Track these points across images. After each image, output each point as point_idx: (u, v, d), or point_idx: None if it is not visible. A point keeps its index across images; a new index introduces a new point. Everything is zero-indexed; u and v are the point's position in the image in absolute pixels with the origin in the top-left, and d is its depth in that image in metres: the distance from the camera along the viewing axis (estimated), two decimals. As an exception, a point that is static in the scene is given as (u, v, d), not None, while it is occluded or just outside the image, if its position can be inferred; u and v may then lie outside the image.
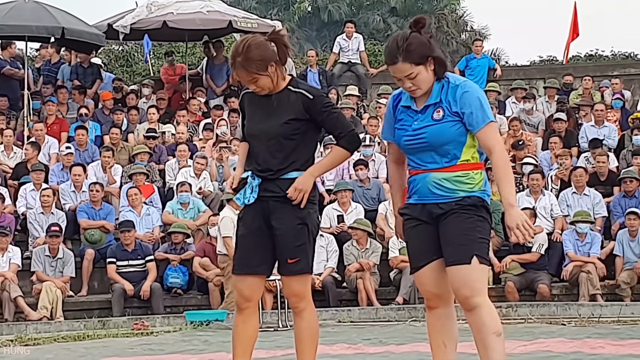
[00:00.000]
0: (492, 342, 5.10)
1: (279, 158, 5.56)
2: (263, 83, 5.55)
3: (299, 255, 5.57)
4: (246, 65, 5.49)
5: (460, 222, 5.13)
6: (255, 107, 5.68)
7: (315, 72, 19.63)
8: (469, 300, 5.10)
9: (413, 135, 5.22)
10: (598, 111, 17.02)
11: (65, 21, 17.36)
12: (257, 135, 5.63)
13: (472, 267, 5.08)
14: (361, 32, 24.70)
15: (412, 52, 5.15)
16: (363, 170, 15.51)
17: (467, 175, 5.17)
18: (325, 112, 5.59)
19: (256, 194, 5.58)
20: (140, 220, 14.73)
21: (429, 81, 5.19)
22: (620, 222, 14.32)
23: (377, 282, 14.03)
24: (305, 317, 5.65)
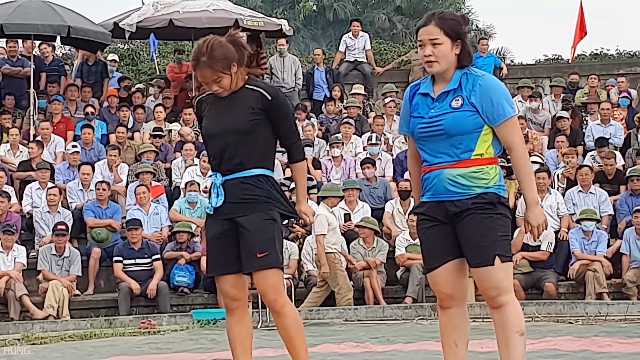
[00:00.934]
0: (515, 340, 5.13)
1: (241, 154, 5.55)
2: (226, 83, 5.53)
3: (268, 250, 5.52)
4: (211, 63, 5.47)
5: (480, 223, 5.10)
6: (212, 107, 5.67)
7: (323, 70, 19.63)
8: (497, 299, 5.13)
9: (429, 123, 5.18)
10: (604, 110, 17.01)
11: (72, 20, 17.36)
12: (217, 133, 5.61)
13: (496, 268, 5.09)
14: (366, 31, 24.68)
15: (446, 20, 5.15)
16: (370, 169, 15.51)
17: (482, 171, 5.12)
18: (282, 116, 5.59)
19: (222, 196, 5.58)
20: (148, 219, 14.73)
21: (449, 62, 5.15)
22: (627, 221, 14.31)
23: (383, 280, 14.03)
24: (288, 313, 5.60)
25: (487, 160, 5.15)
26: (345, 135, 16.86)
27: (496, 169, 5.17)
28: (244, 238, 5.54)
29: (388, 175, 16.10)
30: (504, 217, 5.16)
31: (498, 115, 5.10)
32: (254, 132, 5.55)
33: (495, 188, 5.14)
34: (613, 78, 19.42)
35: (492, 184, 5.14)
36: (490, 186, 5.13)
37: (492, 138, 5.16)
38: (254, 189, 5.55)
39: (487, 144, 5.16)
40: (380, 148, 16.43)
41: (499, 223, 5.13)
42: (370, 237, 14.02)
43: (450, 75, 5.18)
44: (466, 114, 5.11)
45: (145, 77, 24.17)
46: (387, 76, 20.24)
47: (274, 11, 39.34)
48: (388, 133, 17.49)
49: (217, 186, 5.59)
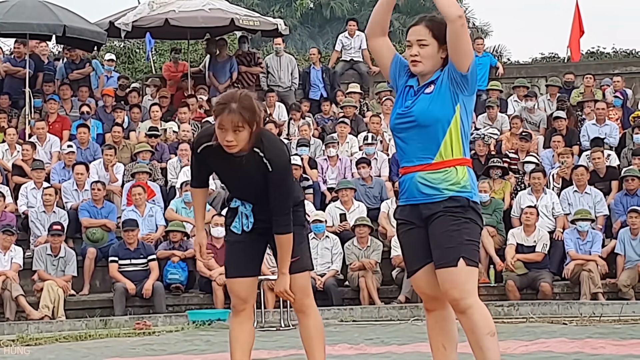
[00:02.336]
0: (487, 342, 5.12)
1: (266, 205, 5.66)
2: (243, 137, 5.45)
3: (299, 254, 5.71)
4: (241, 111, 5.40)
5: (447, 225, 5.13)
6: (224, 163, 5.62)
7: (319, 69, 19.63)
8: (459, 303, 5.12)
9: (402, 114, 5.22)
10: (599, 109, 17.02)
11: (67, 19, 17.35)
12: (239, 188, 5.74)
13: (459, 270, 5.10)
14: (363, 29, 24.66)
15: (436, 22, 5.20)
16: (365, 168, 15.52)
17: (452, 172, 5.14)
18: (276, 188, 5.60)
19: (252, 219, 5.71)
20: (143, 219, 14.73)
21: (433, 63, 5.20)
22: (622, 221, 14.33)
23: (379, 280, 14.05)
24: (312, 314, 5.80)
25: (456, 161, 5.16)
26: (341, 134, 16.86)
27: (464, 170, 5.18)
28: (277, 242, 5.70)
29: (384, 174, 16.11)
30: (472, 223, 5.18)
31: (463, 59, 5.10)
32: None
33: (468, 192, 5.16)
34: (609, 78, 19.44)
35: (462, 186, 5.15)
36: (461, 190, 5.15)
37: (460, 135, 5.17)
38: None
39: (455, 143, 5.16)
40: (376, 148, 16.44)
41: (467, 227, 5.15)
42: (365, 237, 14.04)
43: (430, 74, 5.24)
44: (436, 99, 5.14)
45: (141, 75, 24.19)
46: (382, 75, 20.19)
47: (270, 9, 39.35)
48: (385, 133, 17.51)
49: (247, 212, 5.72)
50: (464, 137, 5.20)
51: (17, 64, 18.40)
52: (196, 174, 5.88)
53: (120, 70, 23.25)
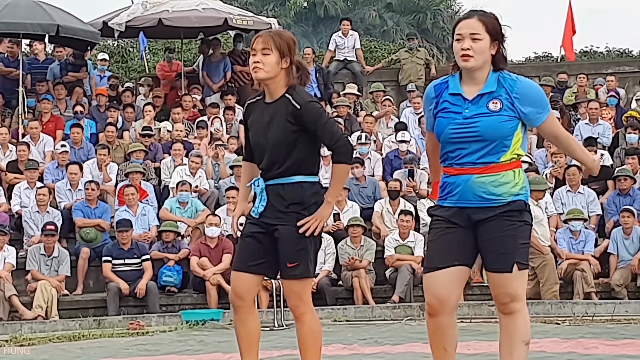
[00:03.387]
0: (519, 349, 5.15)
1: (281, 163, 5.61)
2: (269, 61, 5.58)
3: (298, 260, 5.60)
4: (275, 36, 5.63)
5: (504, 229, 5.07)
6: (256, 118, 5.74)
7: (312, 69, 19.61)
8: (509, 305, 5.13)
9: (464, 124, 5.09)
10: (592, 109, 17.05)
11: (60, 18, 17.33)
12: (260, 144, 5.69)
13: (513, 275, 5.09)
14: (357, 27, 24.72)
15: (490, 18, 5.14)
16: (359, 168, 15.53)
17: (509, 175, 5.08)
18: (314, 122, 5.58)
19: (265, 201, 5.65)
20: (136, 219, 14.73)
21: (484, 59, 5.09)
22: (615, 220, 14.37)
23: (372, 280, 14.07)
24: (306, 321, 5.67)
25: (514, 164, 5.11)
26: (335, 134, 16.84)
27: (521, 172, 5.15)
28: (279, 245, 5.65)
29: (377, 174, 16.13)
30: (527, 225, 5.15)
31: (540, 115, 5.11)
32: (294, 143, 5.60)
33: (523, 195, 5.12)
34: (602, 77, 19.46)
35: (519, 188, 5.11)
36: (518, 192, 5.10)
37: (521, 140, 5.14)
38: (293, 197, 5.61)
39: (516, 147, 5.12)
40: (369, 147, 16.46)
41: (522, 230, 5.11)
42: (359, 237, 14.06)
43: (483, 77, 5.12)
44: (504, 118, 5.06)
45: (135, 74, 24.16)
46: (376, 75, 20.27)
47: (264, 8, 39.31)
48: (379, 132, 17.53)
49: (259, 192, 5.67)
50: (524, 140, 5.17)
51: (9, 64, 18.37)
52: (246, 143, 5.89)
53: (113, 70, 23.23)
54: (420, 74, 19.85)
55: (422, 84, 19.76)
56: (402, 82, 19.73)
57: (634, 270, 13.79)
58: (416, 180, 15.57)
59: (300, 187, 5.61)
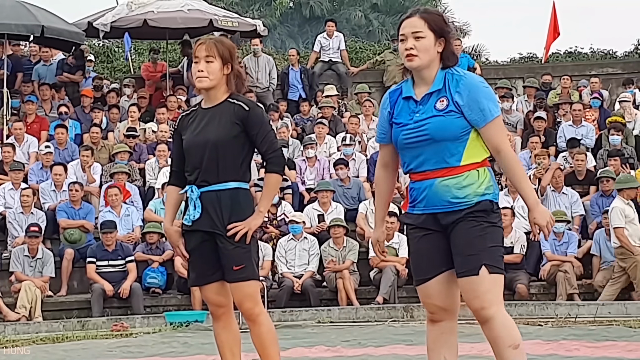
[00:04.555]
0: (508, 355, 4.89)
1: (219, 166, 5.63)
2: (213, 69, 5.64)
3: (245, 262, 5.63)
4: (216, 42, 5.69)
5: (469, 230, 4.87)
6: (194, 121, 5.75)
7: (297, 70, 19.65)
8: (481, 313, 4.88)
9: (414, 129, 4.93)
10: (576, 111, 17.11)
11: (45, 19, 17.32)
12: (197, 144, 5.68)
13: (481, 278, 4.84)
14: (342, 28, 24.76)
15: (431, 14, 5.00)
16: (343, 169, 15.55)
17: (474, 175, 4.90)
18: (258, 127, 5.65)
19: (200, 208, 5.65)
20: (120, 220, 14.73)
21: (430, 57, 4.94)
22: (598, 222, 14.43)
23: (357, 281, 14.10)
24: (264, 321, 5.70)
25: (477, 164, 4.93)
26: (319, 135, 16.90)
27: (486, 171, 4.94)
28: (223, 251, 5.65)
29: (362, 175, 16.16)
30: (495, 226, 4.94)
31: (484, 116, 4.89)
32: (233, 145, 5.64)
33: (490, 194, 4.92)
34: (585, 79, 19.54)
35: (485, 187, 4.90)
36: (484, 192, 4.90)
37: (482, 141, 4.94)
38: (230, 202, 5.64)
39: (477, 149, 4.94)
40: (354, 148, 16.48)
41: (490, 232, 4.90)
42: (341, 238, 14.09)
43: (432, 75, 4.98)
44: (452, 116, 4.88)
45: (120, 74, 24.12)
46: (361, 76, 20.31)
47: (250, 8, 39.33)
48: (364, 133, 17.56)
49: (194, 199, 5.66)
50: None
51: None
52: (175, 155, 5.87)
53: (98, 70, 23.19)
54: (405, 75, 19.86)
55: (407, 85, 19.82)
56: (387, 83, 19.76)
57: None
58: (401, 181, 15.57)
59: (236, 193, 5.66)
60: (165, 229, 5.92)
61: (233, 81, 5.71)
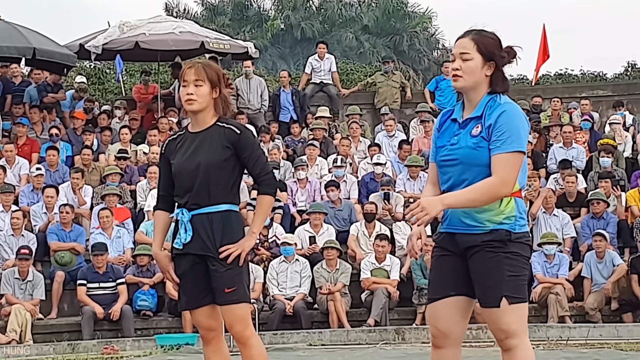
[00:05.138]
0: None
1: (210, 189, 5.64)
2: (202, 93, 5.66)
3: (236, 284, 5.63)
4: (205, 66, 5.70)
5: (486, 261, 4.87)
6: (183, 145, 5.76)
7: (289, 92, 19.66)
8: (504, 342, 4.92)
9: (450, 149, 4.99)
10: (566, 132, 17.14)
11: (37, 41, 17.32)
12: (188, 168, 5.68)
13: (502, 311, 4.85)
14: (334, 49, 24.82)
15: (483, 37, 4.97)
16: (334, 191, 15.56)
17: (495, 203, 4.86)
18: (250, 150, 5.68)
19: (191, 231, 5.66)
20: (111, 242, 14.70)
21: (475, 80, 4.93)
22: (588, 244, 14.44)
23: (348, 303, 14.08)
24: (255, 344, 5.70)
25: None
26: (310, 157, 16.91)
27: (511, 201, 4.90)
28: (214, 273, 5.64)
29: (353, 197, 16.16)
30: (514, 256, 4.89)
31: (497, 145, 4.86)
32: (224, 168, 5.65)
33: (508, 224, 4.89)
34: (576, 101, 19.60)
35: (504, 217, 4.88)
36: (502, 221, 4.88)
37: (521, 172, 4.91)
38: (221, 225, 5.65)
39: None
40: (345, 170, 16.49)
41: (507, 262, 4.86)
42: (334, 260, 14.08)
43: (478, 99, 4.97)
44: (483, 143, 4.89)
45: (112, 96, 24.15)
46: (352, 98, 20.34)
47: (241, 29, 39.45)
48: (355, 155, 17.58)
49: (185, 222, 5.66)
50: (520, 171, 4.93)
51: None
52: (162, 180, 5.87)
53: (90, 92, 23.20)
54: (396, 97, 19.95)
55: (398, 107, 19.88)
56: (378, 105, 19.82)
57: (607, 294, 13.86)
58: (392, 203, 15.61)
59: (228, 215, 5.67)
60: (154, 253, 5.90)
61: (220, 105, 5.74)
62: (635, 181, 15.84)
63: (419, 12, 42.78)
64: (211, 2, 42.84)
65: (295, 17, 41.29)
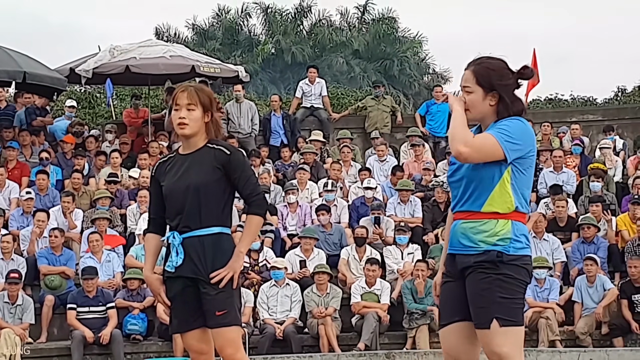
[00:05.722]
0: None
1: (201, 211, 5.65)
2: (194, 117, 5.68)
3: (227, 307, 5.63)
4: (198, 90, 5.72)
5: (478, 282, 4.92)
6: (173, 167, 5.77)
7: (279, 116, 19.66)
8: None
9: (453, 170, 5.10)
10: (557, 157, 17.18)
11: (27, 65, 17.31)
12: (178, 190, 5.69)
13: (492, 332, 4.87)
14: (324, 74, 24.86)
15: (482, 67, 5.02)
16: (325, 215, 15.55)
17: (490, 223, 4.93)
18: (240, 170, 5.69)
19: (183, 254, 5.66)
20: (100, 266, 14.66)
21: (481, 111, 5.02)
22: (579, 268, 14.45)
23: (338, 327, 14.05)
24: None
25: (499, 215, 4.94)
26: (301, 181, 16.90)
27: (507, 224, 4.94)
28: (205, 296, 5.64)
29: (344, 221, 16.14)
30: (507, 278, 4.91)
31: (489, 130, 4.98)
32: (215, 189, 5.67)
33: (502, 246, 4.92)
34: (566, 125, 19.65)
35: (498, 239, 4.92)
36: (496, 243, 4.91)
37: (511, 189, 4.96)
38: (213, 248, 5.65)
39: (502, 200, 4.95)
40: (336, 194, 16.48)
41: (498, 284, 4.88)
42: (325, 284, 14.06)
43: (488, 125, 5.06)
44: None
45: (102, 120, 24.15)
46: (343, 122, 20.36)
47: (232, 54, 39.51)
48: (346, 179, 17.58)
49: (176, 245, 5.66)
50: (516, 191, 4.97)
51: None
52: (153, 202, 5.87)
53: (80, 116, 23.20)
54: (387, 122, 19.98)
55: (388, 131, 19.90)
56: (369, 130, 19.83)
57: (598, 318, 13.86)
58: (382, 227, 15.60)
59: (219, 238, 5.67)
60: (145, 277, 5.89)
61: (212, 129, 5.75)
62: (626, 206, 15.86)
63: (409, 37, 42.94)
64: (201, 27, 42.95)
65: (285, 42, 41.38)
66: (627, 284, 14.05)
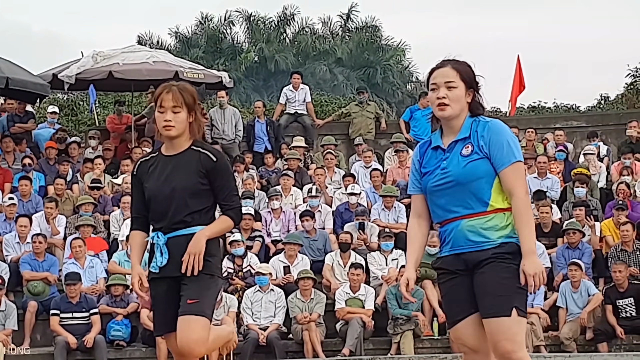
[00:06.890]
0: None
1: (186, 212, 5.63)
2: (180, 119, 5.65)
3: (198, 297, 5.58)
4: (182, 91, 5.67)
5: (500, 271, 4.94)
6: (157, 168, 5.74)
7: (263, 122, 19.62)
8: (511, 355, 4.93)
9: (441, 174, 5.08)
10: (541, 163, 17.20)
11: (10, 71, 17.24)
12: (164, 191, 5.66)
13: (512, 320, 4.91)
14: (308, 82, 24.84)
15: (463, 65, 5.15)
16: (309, 221, 15.51)
17: (499, 217, 5.00)
18: (224, 179, 5.68)
19: (167, 254, 5.64)
20: (84, 272, 14.58)
21: (461, 107, 5.11)
22: (564, 274, 14.44)
23: (322, 333, 14.01)
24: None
25: (503, 209, 5.03)
26: (285, 187, 16.86)
27: (512, 217, 5.02)
28: (183, 287, 5.63)
29: (328, 227, 16.11)
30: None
31: (503, 159, 5.01)
32: (200, 193, 5.65)
33: (516, 238, 4.99)
34: (550, 132, 19.68)
35: (510, 231, 5.00)
36: (509, 234, 4.99)
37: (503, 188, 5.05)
38: None
39: (502, 193, 5.04)
40: (320, 200, 16.46)
41: (517, 275, 4.94)
42: (309, 290, 14.02)
43: (460, 124, 5.12)
44: (477, 161, 5.03)
45: (84, 127, 24.07)
46: (327, 128, 20.34)
47: (215, 62, 39.47)
48: (330, 185, 17.56)
49: (161, 245, 5.62)
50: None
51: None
52: (135, 201, 5.83)
53: (63, 123, 23.11)
54: (371, 128, 19.97)
55: (372, 138, 19.90)
56: (353, 136, 19.82)
57: (582, 323, 13.86)
58: (367, 233, 15.58)
59: None
60: (133, 267, 5.81)
61: (196, 129, 5.73)
62: (610, 211, 15.87)
63: (392, 45, 43.02)
64: (185, 35, 42.91)
65: (269, 50, 41.38)
66: (611, 289, 14.06)
